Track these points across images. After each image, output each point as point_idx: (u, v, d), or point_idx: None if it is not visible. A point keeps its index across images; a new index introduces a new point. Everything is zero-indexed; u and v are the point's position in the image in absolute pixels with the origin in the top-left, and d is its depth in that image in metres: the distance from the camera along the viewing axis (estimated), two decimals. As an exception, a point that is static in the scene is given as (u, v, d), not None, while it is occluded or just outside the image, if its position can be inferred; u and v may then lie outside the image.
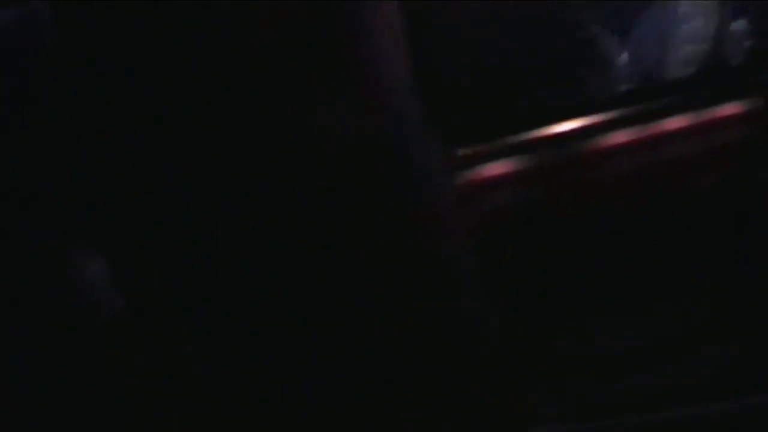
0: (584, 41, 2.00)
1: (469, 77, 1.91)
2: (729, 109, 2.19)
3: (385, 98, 0.99)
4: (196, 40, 0.92)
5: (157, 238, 0.94)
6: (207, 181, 0.93)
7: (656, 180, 2.07)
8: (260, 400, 0.93)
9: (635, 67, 2.08)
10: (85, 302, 0.93)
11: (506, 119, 1.96)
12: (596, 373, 1.80)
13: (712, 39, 2.15)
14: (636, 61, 2.08)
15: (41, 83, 0.95)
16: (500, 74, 1.94)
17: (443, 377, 0.94)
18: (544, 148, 2.00)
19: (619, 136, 2.09)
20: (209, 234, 0.93)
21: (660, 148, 2.10)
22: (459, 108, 1.89)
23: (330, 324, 0.93)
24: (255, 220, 0.93)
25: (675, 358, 1.84)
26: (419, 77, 1.79)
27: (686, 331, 1.92)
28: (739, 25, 2.19)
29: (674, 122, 2.14)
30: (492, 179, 1.95)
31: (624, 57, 2.08)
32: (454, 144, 1.87)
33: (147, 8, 0.91)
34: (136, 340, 0.93)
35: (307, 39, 0.92)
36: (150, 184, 0.94)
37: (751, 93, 2.20)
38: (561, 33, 1.97)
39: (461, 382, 0.94)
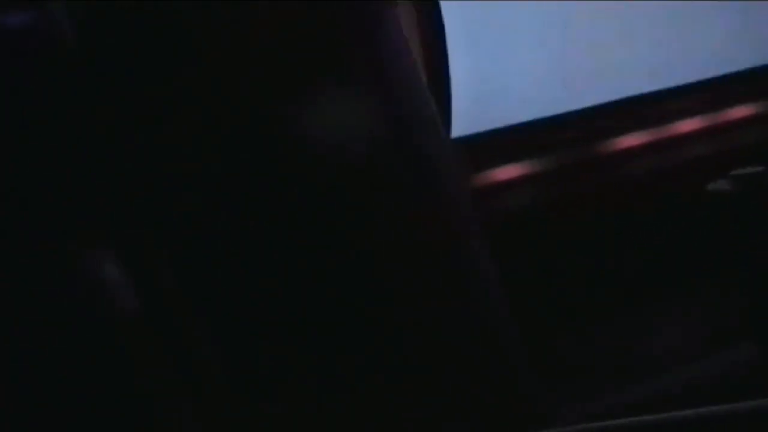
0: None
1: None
2: (741, 111, 2.19)
3: (394, 98, 0.99)
4: (196, 40, 0.92)
5: (171, 237, 0.94)
6: (217, 180, 0.94)
7: (668, 182, 2.06)
8: (259, 399, 0.93)
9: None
10: (99, 303, 0.94)
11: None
12: (606, 376, 1.80)
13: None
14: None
15: (58, 84, 0.95)
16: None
17: (443, 377, 0.94)
18: (553, 151, 2.00)
19: (631, 139, 2.08)
20: (223, 232, 0.94)
21: (672, 150, 2.09)
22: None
23: (333, 323, 0.93)
24: (266, 219, 0.94)
25: (685, 361, 1.83)
26: (433, 78, 1.80)
27: (696, 334, 1.91)
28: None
29: (687, 124, 2.13)
30: (502, 181, 1.95)
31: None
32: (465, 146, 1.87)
33: (155, 8, 0.91)
34: (152, 340, 0.94)
35: (308, 39, 0.93)
36: (164, 183, 0.94)
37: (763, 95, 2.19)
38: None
39: (461, 382, 0.94)
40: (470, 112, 1.91)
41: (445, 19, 1.85)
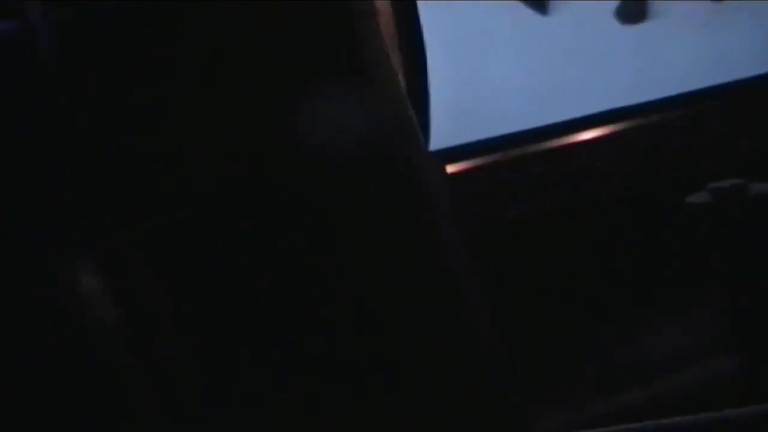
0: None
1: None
2: (717, 125, 2.19)
3: (377, 101, 0.99)
4: (196, 41, 0.91)
5: (156, 244, 0.93)
6: (207, 185, 0.93)
7: (648, 194, 2.07)
8: (260, 401, 0.92)
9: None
10: (78, 314, 0.92)
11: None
12: (590, 387, 1.80)
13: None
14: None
15: (37, 94, 0.94)
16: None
17: (443, 377, 0.93)
18: (536, 163, 2.01)
19: (611, 150, 2.09)
20: (210, 240, 0.93)
21: (650, 163, 2.10)
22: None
23: (328, 325, 0.92)
24: (255, 224, 0.93)
25: (671, 371, 1.84)
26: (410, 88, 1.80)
27: (680, 345, 1.91)
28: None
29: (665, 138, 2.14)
30: (484, 193, 1.95)
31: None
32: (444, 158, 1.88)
33: (148, 9, 0.91)
34: (132, 351, 0.92)
35: (309, 40, 0.92)
36: (148, 190, 0.93)
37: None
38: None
39: (461, 382, 0.93)
40: (448, 125, 1.91)
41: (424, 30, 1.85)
